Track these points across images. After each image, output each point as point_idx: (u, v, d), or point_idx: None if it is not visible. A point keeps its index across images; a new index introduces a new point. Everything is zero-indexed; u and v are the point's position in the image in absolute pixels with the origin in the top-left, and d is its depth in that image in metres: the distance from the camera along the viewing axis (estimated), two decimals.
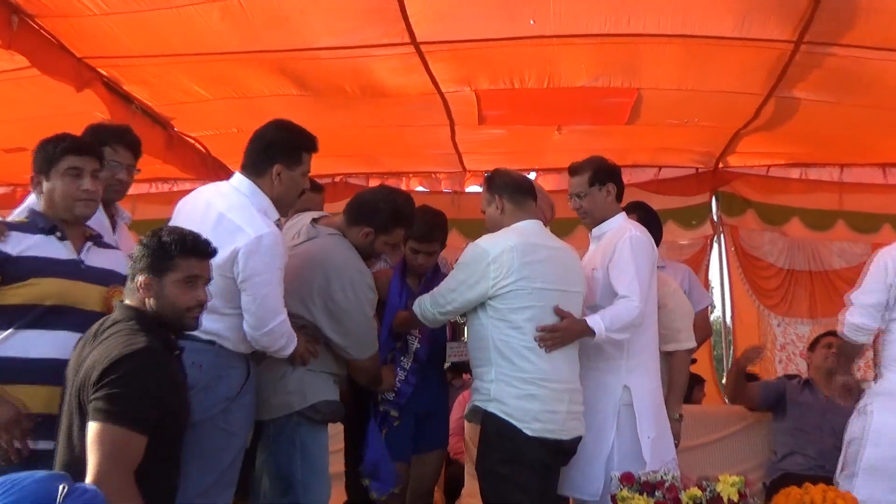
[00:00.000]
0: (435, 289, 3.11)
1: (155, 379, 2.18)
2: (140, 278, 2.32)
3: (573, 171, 3.35)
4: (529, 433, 2.86)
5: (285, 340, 2.75)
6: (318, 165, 6.04)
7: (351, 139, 5.64)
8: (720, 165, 6.20)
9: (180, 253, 2.31)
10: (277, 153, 2.79)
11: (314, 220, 3.19)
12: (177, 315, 2.32)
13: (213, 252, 2.40)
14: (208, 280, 2.39)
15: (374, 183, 6.47)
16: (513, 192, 3.10)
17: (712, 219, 6.43)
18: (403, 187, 6.35)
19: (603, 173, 3.30)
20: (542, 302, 2.94)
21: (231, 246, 2.61)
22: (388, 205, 3.08)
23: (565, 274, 3.03)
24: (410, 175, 6.60)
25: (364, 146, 5.95)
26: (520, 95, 4.78)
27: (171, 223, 2.71)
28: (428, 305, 3.07)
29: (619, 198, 3.34)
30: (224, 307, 2.65)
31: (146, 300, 2.32)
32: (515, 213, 3.07)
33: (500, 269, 2.88)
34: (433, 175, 6.61)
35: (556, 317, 2.95)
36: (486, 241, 2.98)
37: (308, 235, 3.12)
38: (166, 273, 2.31)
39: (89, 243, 2.62)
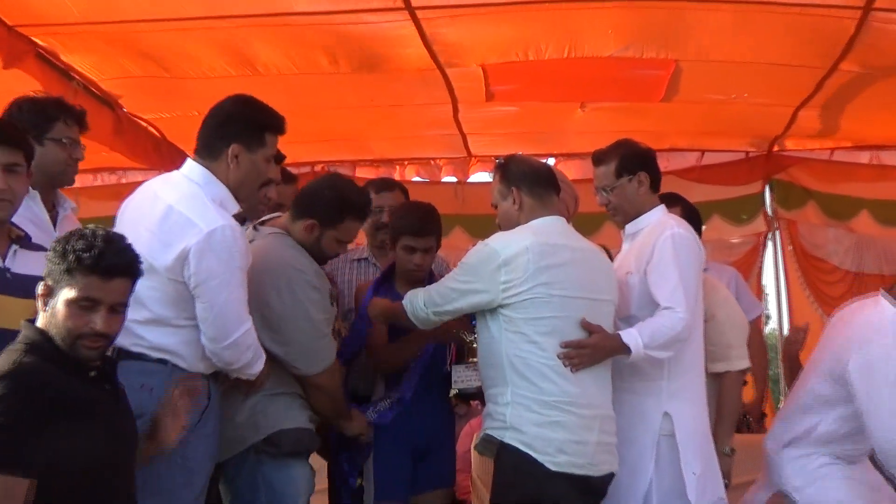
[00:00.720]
0: (432, 285, 3.09)
1: (28, 409, 2.09)
2: (40, 288, 2.29)
3: (597, 159, 3.33)
4: (553, 468, 2.83)
5: (252, 354, 2.71)
6: (296, 152, 6.04)
7: (334, 121, 5.65)
8: (775, 149, 6.19)
9: (78, 268, 2.23)
10: (235, 131, 2.77)
11: (260, 223, 3.20)
12: (65, 342, 2.24)
13: (129, 271, 2.30)
14: (117, 306, 2.28)
15: (362, 172, 6.51)
16: (532, 183, 3.07)
17: (766, 212, 6.42)
18: (397, 177, 6.35)
19: (632, 160, 3.28)
20: (565, 312, 2.92)
21: (181, 244, 2.58)
22: (332, 192, 3.08)
23: (593, 280, 3.01)
24: (406, 162, 6.61)
25: (350, 129, 5.95)
26: (535, 68, 4.76)
27: (117, 226, 2.70)
28: (421, 303, 3.05)
29: (654, 188, 3.32)
30: (177, 318, 2.62)
31: (41, 312, 2.28)
32: (535, 208, 3.05)
33: (512, 274, 2.87)
34: (432, 162, 6.61)
35: (582, 330, 2.94)
36: (498, 241, 2.96)
37: (248, 238, 3.09)
38: (61, 289, 2.25)
39: (14, 246, 2.59)
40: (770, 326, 8.62)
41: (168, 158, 5.55)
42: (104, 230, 2.32)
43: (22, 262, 2.58)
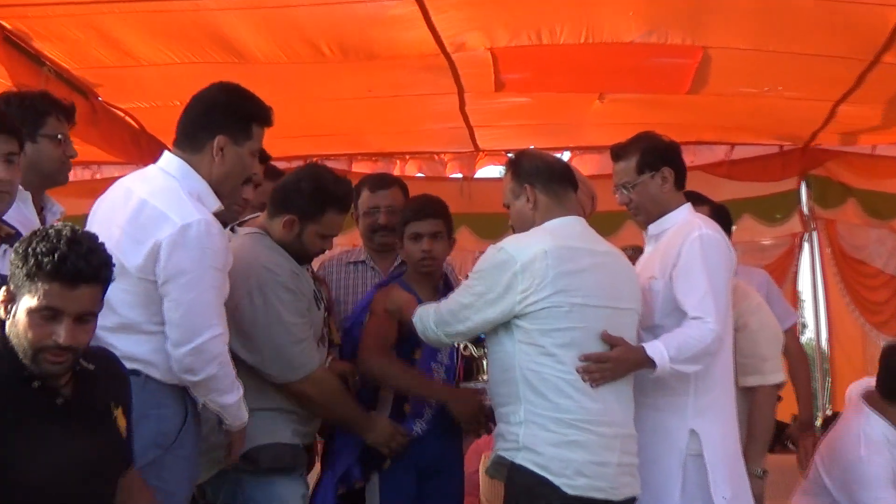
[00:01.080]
0: (443, 301, 3.08)
1: None
2: (1, 293, 2.24)
3: (617, 154, 3.34)
4: (570, 491, 2.83)
5: (218, 368, 2.64)
6: (286, 146, 6.05)
7: (328, 113, 5.69)
8: (812, 142, 6.21)
9: (39, 273, 2.15)
10: (221, 122, 2.77)
11: (239, 224, 3.22)
12: (24, 352, 2.19)
13: (97, 277, 2.22)
14: (84, 315, 2.22)
15: (359, 167, 6.55)
16: (547, 179, 3.08)
17: (802, 211, 6.45)
18: (397, 172, 6.39)
19: (655, 155, 3.29)
20: (584, 322, 2.92)
21: (153, 239, 2.59)
22: (310, 182, 3.11)
23: (614, 286, 3.01)
24: (407, 157, 6.65)
25: (345, 122, 5.97)
26: (549, 53, 4.78)
27: (88, 225, 2.69)
28: (432, 323, 3.04)
29: (679, 185, 3.33)
30: (147, 322, 2.63)
31: (6, 320, 2.23)
32: (551, 207, 3.06)
33: (530, 281, 2.87)
34: (436, 157, 6.66)
35: (603, 342, 2.94)
36: (513, 245, 2.96)
37: None
38: (22, 296, 2.19)
39: (5, 246, 2.57)
40: (806, 336, 8.62)
41: (147, 151, 5.55)
42: (71, 229, 2.24)
43: None
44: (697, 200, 3.65)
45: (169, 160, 2.78)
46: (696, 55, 4.78)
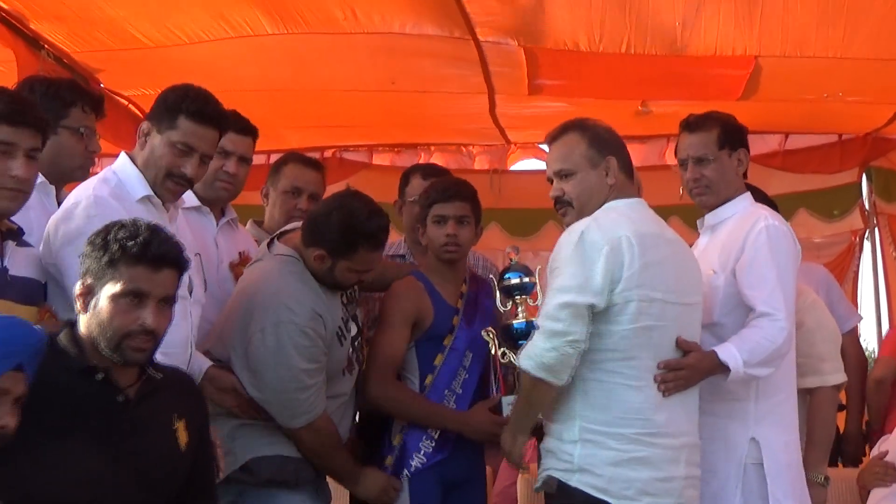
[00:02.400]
0: (541, 319, 2.83)
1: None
2: (78, 288, 2.40)
3: (692, 125, 3.32)
4: None
5: None
6: (304, 137, 5.98)
7: (347, 103, 5.59)
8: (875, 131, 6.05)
9: (123, 258, 2.35)
10: (153, 109, 3.00)
11: (279, 235, 3.27)
12: (108, 341, 2.35)
13: (177, 261, 2.44)
14: (166, 299, 2.42)
15: (379, 159, 6.54)
16: (625, 155, 3.03)
17: (863, 206, 6.31)
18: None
19: (734, 135, 3.31)
20: (662, 321, 2.84)
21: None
22: (341, 217, 3.10)
23: (683, 279, 2.94)
24: (432, 148, 6.55)
25: (366, 113, 5.89)
26: (589, 60, 4.69)
27: None
28: (543, 342, 2.75)
29: (745, 173, 3.35)
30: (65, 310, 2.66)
31: (81, 314, 2.40)
32: (625, 186, 3.01)
33: (616, 272, 2.76)
34: (464, 149, 6.57)
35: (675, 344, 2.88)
36: (591, 228, 2.83)
37: (257, 257, 3.25)
38: (104, 285, 2.36)
39: (11, 242, 2.65)
40: (864, 342, 8.47)
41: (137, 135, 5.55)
42: (146, 220, 2.47)
43: (17, 263, 2.64)
44: (764, 195, 3.66)
45: (123, 154, 3.00)
46: (748, 64, 4.73)
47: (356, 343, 3.37)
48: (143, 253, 2.35)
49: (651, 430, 2.81)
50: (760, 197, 3.65)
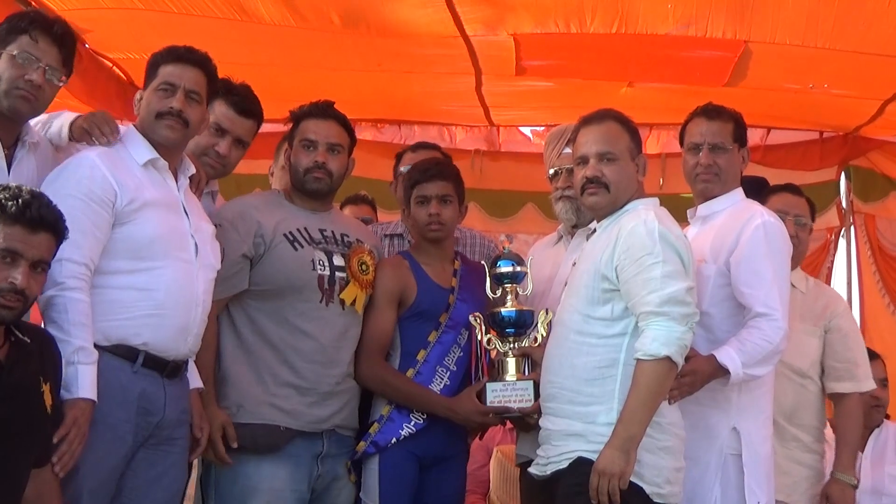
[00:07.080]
0: (652, 300, 2.87)
1: None
2: None
3: (710, 112, 3.40)
4: (658, 500, 2.90)
5: (55, 291, 2.73)
6: (283, 109, 6.03)
7: (332, 81, 5.60)
8: (854, 131, 6.18)
9: (2, 216, 2.43)
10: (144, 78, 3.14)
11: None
12: None
13: (56, 227, 2.50)
14: (40, 263, 2.49)
15: (363, 132, 6.47)
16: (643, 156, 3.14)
17: (840, 204, 6.43)
18: (403, 142, 6.36)
19: (744, 132, 3.44)
20: None
21: None
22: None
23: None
24: (415, 127, 6.61)
25: (350, 91, 5.94)
26: (576, 42, 4.80)
27: None
28: (679, 326, 2.84)
29: None
30: None
31: None
32: (641, 186, 3.16)
33: (690, 261, 2.97)
34: (447, 129, 6.63)
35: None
36: (663, 221, 2.96)
37: None
38: None
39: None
40: None
41: (133, 106, 5.48)
42: (30, 188, 2.53)
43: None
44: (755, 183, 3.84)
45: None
46: (737, 49, 4.80)
47: (335, 275, 3.41)
48: (22, 213, 2.42)
49: (673, 420, 2.96)
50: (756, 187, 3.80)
